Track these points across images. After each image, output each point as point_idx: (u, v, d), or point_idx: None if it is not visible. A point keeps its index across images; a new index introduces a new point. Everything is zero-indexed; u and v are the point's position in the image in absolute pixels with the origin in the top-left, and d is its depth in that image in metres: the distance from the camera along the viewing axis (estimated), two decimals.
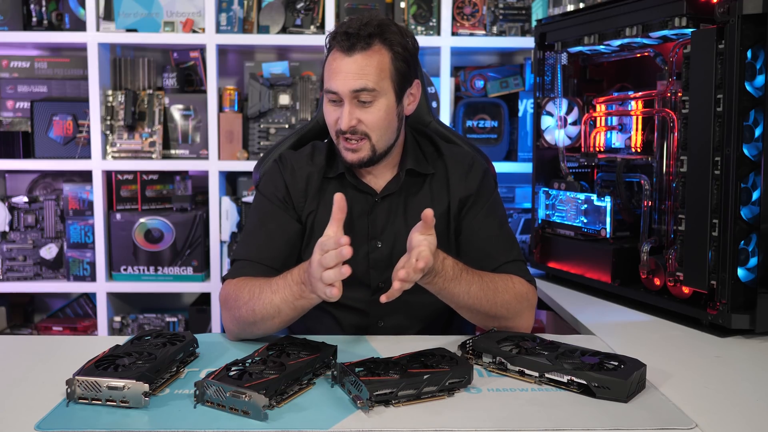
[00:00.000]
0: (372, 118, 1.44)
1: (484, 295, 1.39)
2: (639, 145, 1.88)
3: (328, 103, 1.47)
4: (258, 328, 1.38)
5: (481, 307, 1.40)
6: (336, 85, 1.42)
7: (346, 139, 1.46)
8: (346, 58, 1.42)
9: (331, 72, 1.44)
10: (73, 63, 2.76)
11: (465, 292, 1.37)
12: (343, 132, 1.44)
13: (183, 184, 2.69)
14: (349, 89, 1.42)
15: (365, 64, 1.42)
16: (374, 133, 1.45)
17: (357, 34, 1.41)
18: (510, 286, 1.44)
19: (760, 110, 1.48)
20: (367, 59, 1.42)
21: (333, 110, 1.46)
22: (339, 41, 1.43)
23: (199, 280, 2.63)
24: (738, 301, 1.50)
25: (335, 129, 1.47)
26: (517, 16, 2.66)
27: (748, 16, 1.44)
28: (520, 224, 2.70)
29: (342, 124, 1.43)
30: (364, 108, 1.43)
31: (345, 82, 1.42)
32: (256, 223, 1.54)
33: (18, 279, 2.64)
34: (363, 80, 1.41)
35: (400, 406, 1.09)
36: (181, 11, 2.60)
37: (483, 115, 2.67)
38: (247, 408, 1.04)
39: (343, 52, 1.42)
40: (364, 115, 1.44)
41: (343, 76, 1.42)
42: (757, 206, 1.50)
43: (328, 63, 1.46)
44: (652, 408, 1.10)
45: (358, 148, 1.46)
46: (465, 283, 1.37)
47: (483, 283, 1.40)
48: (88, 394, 1.08)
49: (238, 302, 1.37)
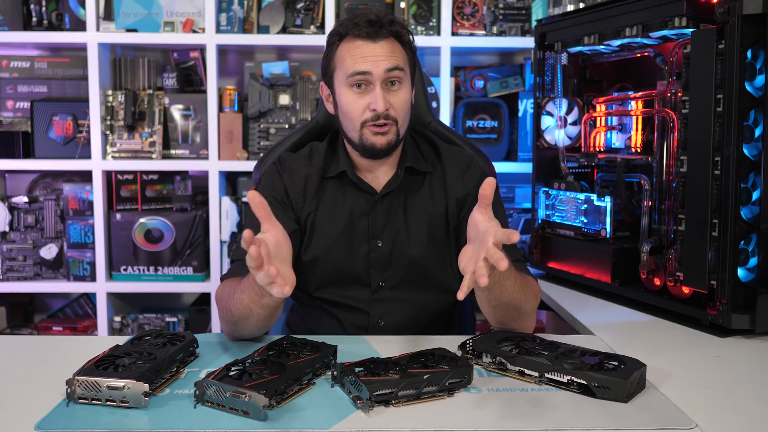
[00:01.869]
0: (399, 102, 1.46)
1: (522, 290, 1.35)
2: (639, 145, 1.88)
3: (350, 92, 1.46)
4: (241, 328, 1.36)
5: (518, 302, 1.34)
6: (367, 65, 1.43)
7: (376, 125, 1.45)
8: (371, 43, 1.44)
9: (357, 57, 1.43)
10: (73, 63, 2.77)
11: (512, 285, 1.32)
12: (376, 116, 1.44)
13: (183, 184, 2.69)
14: (383, 69, 1.43)
15: (391, 48, 1.45)
16: (401, 116, 1.48)
17: (380, 22, 1.44)
18: (529, 282, 1.42)
19: (760, 110, 1.48)
20: (391, 44, 1.46)
21: (358, 97, 1.45)
22: (361, 29, 1.43)
23: (199, 280, 2.63)
24: (738, 301, 1.50)
25: (363, 117, 1.45)
26: (517, 16, 2.66)
27: (748, 16, 1.44)
28: (520, 224, 2.70)
29: (379, 107, 1.43)
30: (393, 92, 1.46)
31: (377, 63, 1.43)
32: (254, 224, 1.54)
33: (18, 279, 2.64)
34: (394, 60, 1.44)
35: (400, 406, 1.09)
36: (181, 11, 2.60)
37: (483, 115, 2.67)
38: (247, 408, 1.04)
39: (368, 39, 1.44)
40: (393, 99, 1.45)
41: (374, 58, 1.43)
42: (757, 206, 1.50)
43: (347, 50, 1.45)
44: (652, 408, 1.10)
45: (387, 131, 1.46)
46: (513, 277, 1.32)
47: (519, 278, 1.35)
48: (88, 394, 1.08)
49: (221, 302, 1.37)
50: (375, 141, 1.46)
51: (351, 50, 1.45)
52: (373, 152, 1.48)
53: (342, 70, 1.46)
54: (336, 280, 1.55)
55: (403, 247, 1.54)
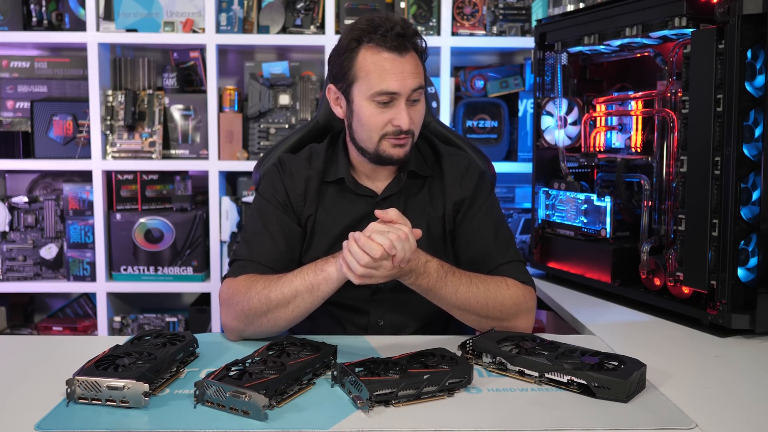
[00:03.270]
0: (418, 116, 1.49)
1: (473, 297, 1.39)
2: (639, 145, 1.88)
3: (373, 105, 1.44)
4: (267, 320, 1.37)
5: (471, 308, 1.40)
6: (396, 85, 1.42)
7: (396, 138, 1.46)
8: (399, 58, 1.43)
9: (386, 73, 1.42)
10: (73, 63, 2.76)
11: (452, 294, 1.38)
12: (399, 131, 1.45)
13: (183, 184, 2.69)
14: (410, 89, 1.44)
15: (416, 64, 1.46)
16: (417, 129, 1.50)
17: (405, 35, 1.43)
18: (503, 287, 1.44)
19: (760, 110, 1.48)
20: (415, 59, 1.46)
21: (381, 111, 1.45)
22: (388, 41, 1.42)
23: (199, 280, 2.63)
24: (738, 301, 1.50)
25: (384, 131, 1.46)
26: (517, 16, 2.66)
27: (748, 16, 1.44)
28: (520, 224, 2.70)
29: (404, 125, 1.44)
30: (414, 107, 1.47)
31: (405, 82, 1.43)
32: (257, 224, 1.54)
33: (18, 279, 2.64)
34: (419, 79, 1.45)
35: (400, 406, 1.09)
36: (181, 11, 2.60)
37: (483, 115, 2.67)
38: (247, 408, 1.04)
39: (395, 52, 1.43)
40: (414, 114, 1.47)
41: (402, 76, 1.43)
42: (757, 206, 1.50)
43: (374, 63, 1.43)
44: (652, 408, 1.10)
45: (405, 143, 1.48)
46: (452, 285, 1.38)
47: (472, 285, 1.40)
48: (88, 394, 1.08)
49: (249, 294, 1.37)
50: (393, 153, 1.48)
51: (378, 63, 1.43)
52: (389, 162, 1.50)
53: (367, 83, 1.44)
54: None
55: None
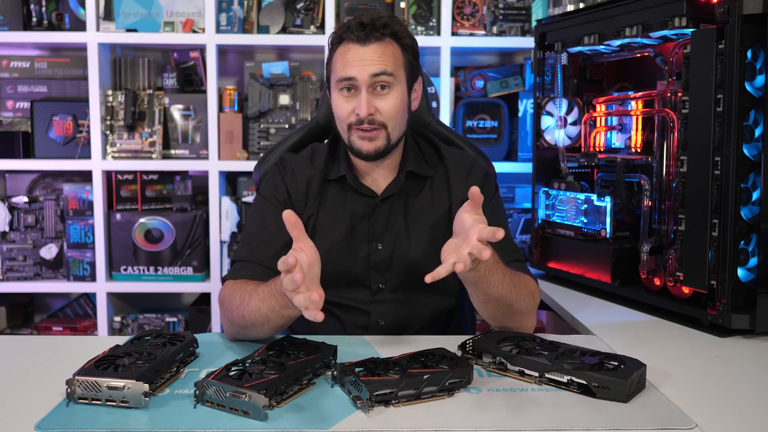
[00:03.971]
0: (389, 106, 1.44)
1: (513, 287, 1.36)
2: (639, 145, 1.88)
3: (340, 95, 1.46)
4: (251, 332, 1.37)
5: (510, 299, 1.36)
6: (353, 71, 1.42)
7: (361, 129, 1.44)
8: (361, 47, 1.43)
9: (346, 61, 1.43)
10: (73, 63, 2.77)
11: (500, 281, 1.33)
12: (360, 121, 1.43)
13: (183, 184, 2.69)
14: (368, 74, 1.42)
15: (381, 52, 1.43)
16: (390, 121, 1.45)
17: (372, 25, 1.42)
18: (525, 281, 1.42)
19: (760, 110, 1.48)
20: (382, 47, 1.44)
21: (345, 101, 1.45)
22: (353, 32, 1.43)
23: (199, 280, 2.63)
24: (738, 301, 1.50)
25: (349, 120, 1.45)
26: (517, 16, 2.66)
27: (748, 16, 1.44)
28: (520, 224, 2.70)
29: (361, 111, 1.42)
30: (381, 96, 1.44)
31: (363, 68, 1.42)
32: (257, 224, 1.54)
33: (18, 279, 2.64)
34: (382, 65, 1.42)
35: (400, 406, 1.09)
36: (181, 11, 2.60)
37: (483, 115, 2.67)
38: (247, 408, 1.04)
39: (358, 42, 1.43)
40: (381, 104, 1.44)
41: (360, 62, 1.42)
42: (757, 206, 1.50)
43: (339, 54, 1.45)
44: (652, 408, 1.10)
45: (374, 136, 1.45)
46: (500, 273, 1.33)
47: (511, 275, 1.36)
48: (88, 394, 1.08)
49: (231, 305, 1.37)
50: (362, 146, 1.46)
51: (342, 54, 1.45)
52: (361, 156, 1.49)
53: (334, 74, 1.47)
54: (336, 281, 1.54)
55: (404, 250, 1.54)
